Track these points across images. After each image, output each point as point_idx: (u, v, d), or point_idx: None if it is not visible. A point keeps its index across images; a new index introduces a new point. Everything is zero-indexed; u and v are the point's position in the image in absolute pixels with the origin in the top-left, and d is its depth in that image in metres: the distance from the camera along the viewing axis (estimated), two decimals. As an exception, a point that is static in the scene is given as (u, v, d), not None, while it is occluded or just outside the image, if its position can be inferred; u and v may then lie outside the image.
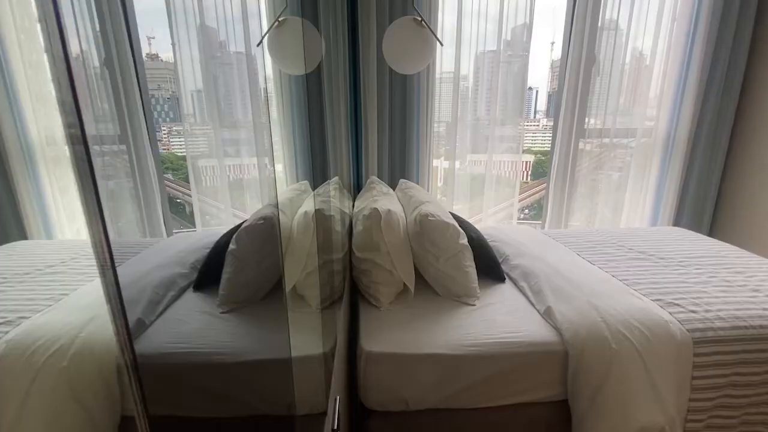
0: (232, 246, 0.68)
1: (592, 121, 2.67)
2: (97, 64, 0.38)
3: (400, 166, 2.62)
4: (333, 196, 1.54)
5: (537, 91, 3.29)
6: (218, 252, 0.66)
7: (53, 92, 0.25)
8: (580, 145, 2.72)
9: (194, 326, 0.61)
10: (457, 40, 2.52)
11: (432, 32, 1.91)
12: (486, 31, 2.55)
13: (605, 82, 2.62)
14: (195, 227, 0.67)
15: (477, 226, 1.86)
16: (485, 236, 2.06)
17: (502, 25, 2.53)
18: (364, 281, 1.47)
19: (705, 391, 1.26)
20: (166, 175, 0.60)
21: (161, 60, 0.55)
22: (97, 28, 0.38)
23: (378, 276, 1.44)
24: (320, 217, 1.23)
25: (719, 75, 2.47)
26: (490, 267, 1.67)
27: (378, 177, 2.58)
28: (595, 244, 1.97)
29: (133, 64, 0.46)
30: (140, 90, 0.48)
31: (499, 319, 1.38)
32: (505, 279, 1.68)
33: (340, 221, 1.49)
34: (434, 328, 1.34)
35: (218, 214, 0.75)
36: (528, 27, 2.60)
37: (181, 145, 0.63)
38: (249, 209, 0.83)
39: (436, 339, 1.28)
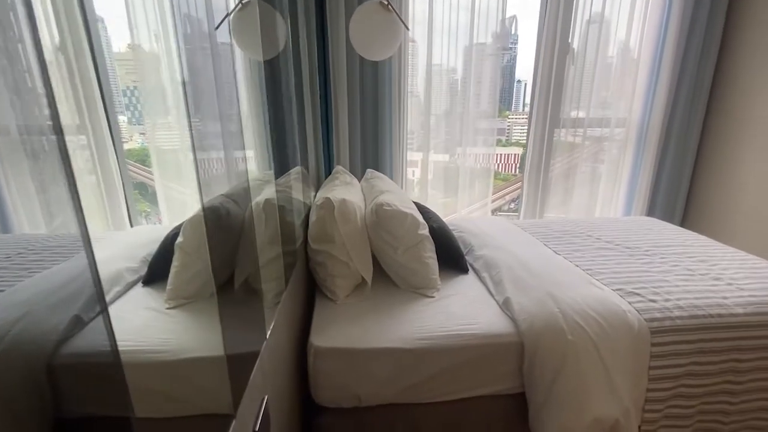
0: (179, 238, 0.64)
1: (567, 111, 2.64)
2: (51, 50, 0.37)
3: (373, 156, 2.56)
4: (291, 186, 1.48)
5: (525, 84, 3.26)
6: (168, 245, 0.62)
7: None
8: (555, 136, 2.69)
9: (136, 323, 0.58)
10: (444, 31, 2.48)
11: (398, 16, 1.85)
12: (486, 24, 2.50)
13: (579, 72, 2.59)
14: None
15: (456, 217, 1.82)
16: (452, 227, 2.02)
17: (474, 20, 2.47)
18: (320, 274, 1.42)
19: (662, 381, 1.24)
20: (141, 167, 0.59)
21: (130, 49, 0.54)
22: (51, 12, 0.36)
23: (334, 268, 1.38)
24: (271, 208, 1.17)
25: (691, 67, 2.46)
26: (453, 258, 1.63)
27: (351, 167, 2.52)
28: (563, 233, 1.95)
29: (90, 50, 0.44)
30: (98, 78, 0.46)
31: (456, 311, 1.34)
32: (468, 270, 1.65)
33: (296, 212, 1.43)
34: (389, 322, 1.29)
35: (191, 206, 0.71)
36: (515, 19, 2.56)
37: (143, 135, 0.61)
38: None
39: (390, 333, 1.24)
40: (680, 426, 1.29)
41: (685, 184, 2.67)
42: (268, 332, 0.87)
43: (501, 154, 3.71)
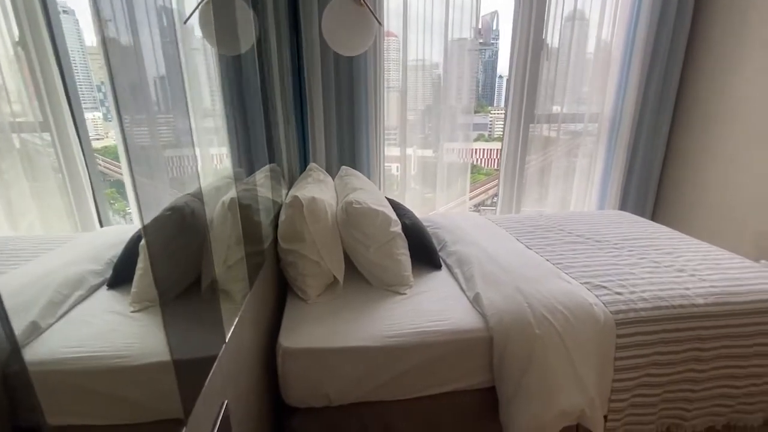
0: (143, 240, 0.63)
1: (541, 107, 2.67)
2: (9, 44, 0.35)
3: (350, 153, 2.54)
4: (262, 184, 1.46)
5: (507, 79, 3.28)
6: (133, 246, 0.61)
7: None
8: (531, 131, 2.72)
9: (99, 328, 0.56)
10: (425, 27, 2.47)
11: (371, 11, 1.83)
12: (461, 19, 2.50)
13: (553, 68, 2.62)
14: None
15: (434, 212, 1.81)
16: (427, 223, 2.03)
17: (454, 15, 2.46)
18: (291, 273, 1.40)
19: (627, 371, 1.27)
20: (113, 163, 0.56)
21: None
22: (9, 5, 0.35)
23: (304, 267, 1.37)
24: (236, 208, 1.15)
25: (660, 64, 2.51)
26: (426, 254, 1.64)
27: (327, 164, 2.50)
28: (536, 228, 1.97)
29: (52, 44, 0.42)
30: (62, 73, 0.44)
31: (427, 308, 1.34)
32: (441, 266, 1.65)
33: (264, 211, 1.41)
34: (360, 320, 1.29)
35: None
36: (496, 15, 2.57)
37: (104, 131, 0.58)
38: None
39: (360, 331, 1.24)
40: (645, 414, 1.32)
41: (655, 179, 2.73)
42: (228, 335, 0.85)
43: (484, 149, 3.74)
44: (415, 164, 2.78)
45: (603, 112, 2.69)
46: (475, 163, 3.80)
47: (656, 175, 2.73)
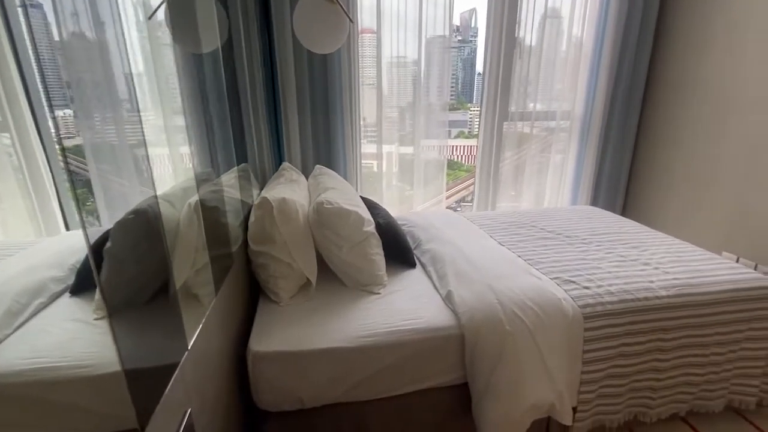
0: (107, 244, 0.60)
1: (515, 105, 2.71)
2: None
3: (325, 151, 2.52)
4: (231, 184, 1.43)
5: (482, 77, 3.31)
6: (97, 251, 0.58)
7: None
8: (505, 129, 2.76)
9: (59, 337, 0.54)
10: (400, 23, 2.46)
11: (342, 8, 1.82)
12: (435, 15, 2.50)
13: (526, 66, 2.66)
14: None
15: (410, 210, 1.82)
16: (402, 221, 2.03)
17: (428, 12, 2.47)
18: (262, 276, 1.38)
19: (595, 363, 1.31)
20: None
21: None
22: None
23: (276, 269, 1.35)
24: (205, 209, 1.12)
25: (627, 63, 2.58)
26: (400, 253, 1.64)
27: (302, 163, 2.47)
28: (509, 225, 2.00)
29: (9, 40, 0.40)
30: (21, 73, 0.42)
31: (400, 307, 1.35)
32: (415, 265, 1.66)
33: (233, 212, 1.38)
34: (333, 321, 1.28)
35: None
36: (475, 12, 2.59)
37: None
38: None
39: (333, 332, 1.23)
40: (613, 404, 1.36)
41: (624, 175, 2.82)
42: (192, 342, 0.83)
43: (465, 146, 3.78)
44: (396, 161, 2.79)
45: (574, 109, 2.75)
46: (456, 159, 3.85)
47: (626, 171, 2.81)
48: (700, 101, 2.35)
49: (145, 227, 0.76)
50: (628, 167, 2.82)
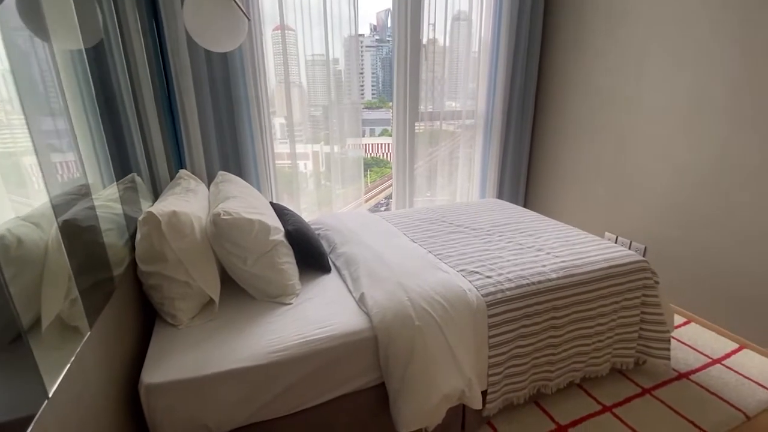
0: None
1: (424, 105, 2.80)
2: None
3: (234, 156, 2.38)
4: (113, 199, 1.27)
5: (394, 78, 3.36)
6: None
7: None
8: (416, 128, 2.84)
9: None
10: (325, 22, 2.39)
11: (237, 5, 1.71)
12: (351, 14, 2.48)
13: (431, 66, 2.76)
14: None
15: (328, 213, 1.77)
16: (317, 225, 1.99)
17: (340, 10, 2.44)
18: (156, 298, 1.25)
19: (500, 346, 1.40)
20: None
21: None
22: None
23: (171, 290, 1.23)
24: (75, 230, 0.98)
25: (521, 64, 2.81)
26: (314, 259, 1.60)
27: (208, 170, 2.30)
28: (422, 221, 2.07)
29: None
30: None
31: (313, 315, 1.31)
32: (330, 269, 1.63)
33: (117, 230, 1.23)
34: (239, 340, 1.20)
35: None
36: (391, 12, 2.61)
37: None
38: None
39: (239, 351, 1.15)
40: (518, 382, 1.47)
41: (524, 168, 3.07)
42: (53, 388, 0.72)
43: (388, 144, 3.83)
44: (323, 161, 2.74)
45: (478, 108, 2.93)
46: (381, 157, 3.90)
47: (525, 165, 3.07)
48: (581, 99, 2.65)
49: (5, 255, 0.65)
50: (527, 161, 3.08)
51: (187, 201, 1.39)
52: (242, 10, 1.75)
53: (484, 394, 1.41)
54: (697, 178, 2.05)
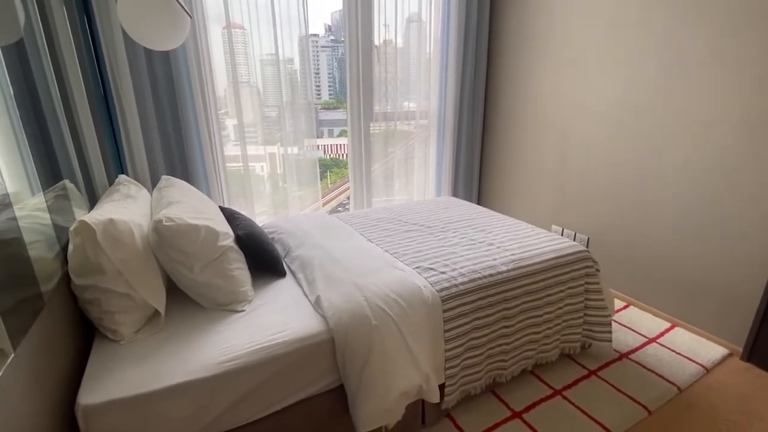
0: None
1: (377, 106, 2.82)
2: None
3: (180, 159, 2.27)
4: (40, 208, 1.17)
5: (347, 79, 3.34)
6: None
7: None
8: (371, 129, 2.85)
9: None
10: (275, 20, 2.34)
11: (178, 2, 1.64)
12: (301, 14, 2.44)
13: (383, 68, 2.78)
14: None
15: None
16: (272, 228, 1.95)
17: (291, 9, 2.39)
18: (93, 313, 1.17)
19: (456, 339, 1.43)
20: None
21: None
22: None
23: (110, 304, 1.16)
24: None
25: (469, 66, 2.89)
26: (268, 263, 1.56)
27: (152, 175, 2.18)
28: (378, 221, 2.08)
29: None
30: None
31: (267, 321, 1.28)
32: (285, 273, 1.60)
33: (46, 242, 1.14)
34: (187, 351, 1.15)
35: None
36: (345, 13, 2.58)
37: None
38: None
39: (187, 364, 1.10)
40: (475, 373, 1.51)
41: (476, 166, 3.17)
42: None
43: (347, 144, 3.80)
44: (281, 163, 2.67)
45: (431, 109, 2.99)
46: (340, 158, 3.87)
47: (477, 163, 3.17)
48: (526, 99, 2.77)
49: None
50: (479, 159, 3.18)
51: (126, 208, 1.31)
52: (183, 7, 1.68)
53: (442, 387, 1.44)
54: (630, 173, 2.21)
